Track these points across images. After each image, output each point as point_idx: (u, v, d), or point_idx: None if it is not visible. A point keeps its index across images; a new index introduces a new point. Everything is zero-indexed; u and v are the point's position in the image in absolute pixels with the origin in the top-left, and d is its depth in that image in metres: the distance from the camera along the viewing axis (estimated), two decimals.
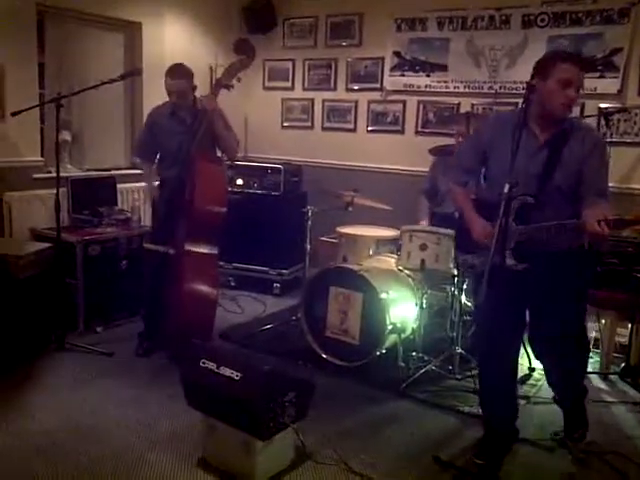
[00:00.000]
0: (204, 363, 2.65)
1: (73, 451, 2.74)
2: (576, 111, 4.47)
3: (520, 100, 2.66)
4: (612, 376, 3.74)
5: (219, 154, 3.92)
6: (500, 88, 4.80)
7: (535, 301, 2.77)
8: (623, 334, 3.83)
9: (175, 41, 5.27)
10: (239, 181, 5.26)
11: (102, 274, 4.16)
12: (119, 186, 4.72)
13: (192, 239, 3.61)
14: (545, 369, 3.03)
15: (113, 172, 4.85)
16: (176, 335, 3.51)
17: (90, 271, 4.08)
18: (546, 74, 2.58)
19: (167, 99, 3.67)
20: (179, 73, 3.60)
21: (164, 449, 2.78)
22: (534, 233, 2.56)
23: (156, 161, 3.85)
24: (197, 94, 3.75)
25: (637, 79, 4.27)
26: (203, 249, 3.65)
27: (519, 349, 2.94)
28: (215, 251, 3.73)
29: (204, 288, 3.63)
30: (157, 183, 3.89)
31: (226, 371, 2.59)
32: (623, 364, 3.76)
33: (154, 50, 5.08)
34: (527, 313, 2.88)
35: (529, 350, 3.78)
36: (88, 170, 4.81)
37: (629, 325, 3.75)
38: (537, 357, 3.03)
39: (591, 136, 2.65)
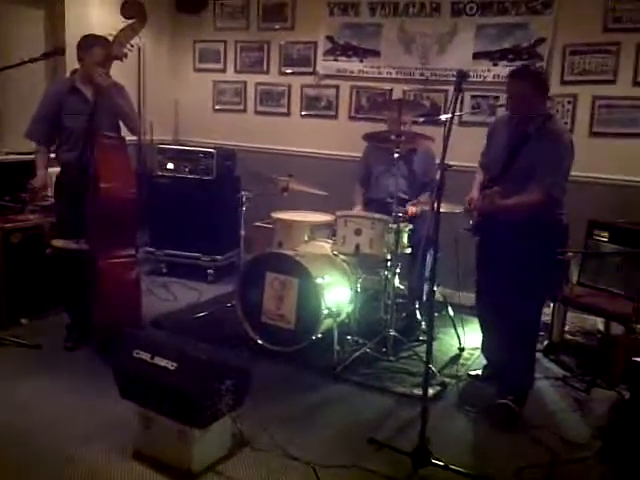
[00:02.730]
0: (137, 354, 2.59)
1: (1, 450, 2.63)
2: (503, 98, 4.62)
3: (450, 87, 2.76)
4: (537, 353, 3.92)
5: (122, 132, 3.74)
6: (431, 75, 4.87)
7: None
8: (545, 312, 4.00)
9: (100, 20, 5.05)
10: (170, 165, 5.14)
11: (25, 263, 3.97)
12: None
13: (103, 227, 3.39)
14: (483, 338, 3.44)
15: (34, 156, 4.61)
16: (103, 327, 3.39)
17: (12, 260, 3.89)
18: None
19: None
20: (105, 41, 3.44)
21: (97, 443, 2.71)
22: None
23: (54, 145, 3.63)
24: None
25: (559, 69, 4.42)
26: (118, 237, 3.45)
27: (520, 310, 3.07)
28: (131, 237, 3.57)
29: (124, 278, 3.48)
30: (57, 169, 3.68)
31: (161, 361, 2.54)
32: (546, 342, 3.95)
33: (78, 28, 4.84)
34: None
35: (459, 330, 3.93)
36: (8, 154, 4.56)
37: (551, 304, 3.92)
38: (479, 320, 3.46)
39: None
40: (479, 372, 3.55)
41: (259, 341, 3.71)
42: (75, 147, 3.49)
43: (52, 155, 3.71)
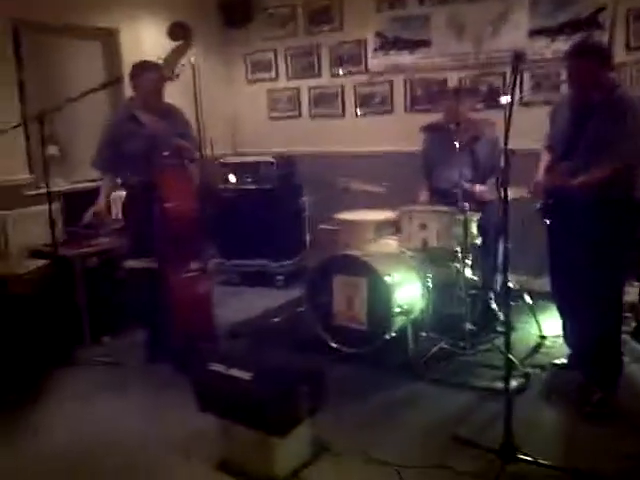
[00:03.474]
0: (213, 366, 2.62)
1: (90, 464, 2.73)
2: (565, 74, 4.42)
3: (507, 69, 2.67)
4: (624, 336, 3.71)
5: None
6: (486, 58, 4.73)
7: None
8: (631, 292, 3.78)
9: (153, 44, 5.18)
10: (232, 178, 5.22)
11: (102, 284, 4.13)
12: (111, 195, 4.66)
13: (170, 245, 3.47)
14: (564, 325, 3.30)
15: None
16: (179, 340, 3.47)
17: (90, 282, 4.05)
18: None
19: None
20: (155, 66, 3.53)
21: (182, 455, 2.76)
22: None
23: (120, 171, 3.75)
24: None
25: (623, 36, 4.20)
26: (185, 253, 3.52)
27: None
28: (198, 251, 3.63)
29: (194, 291, 3.54)
30: (117, 194, 3.79)
31: (236, 372, 2.57)
32: (634, 323, 3.73)
33: (133, 55, 5.00)
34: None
35: (539, 319, 3.78)
36: (78, 182, 4.76)
37: (637, 283, 3.71)
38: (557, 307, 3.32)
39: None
40: (564, 361, 3.39)
41: (332, 344, 3.70)
42: (138, 171, 3.59)
43: (119, 180, 3.84)
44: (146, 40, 5.15)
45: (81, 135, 4.93)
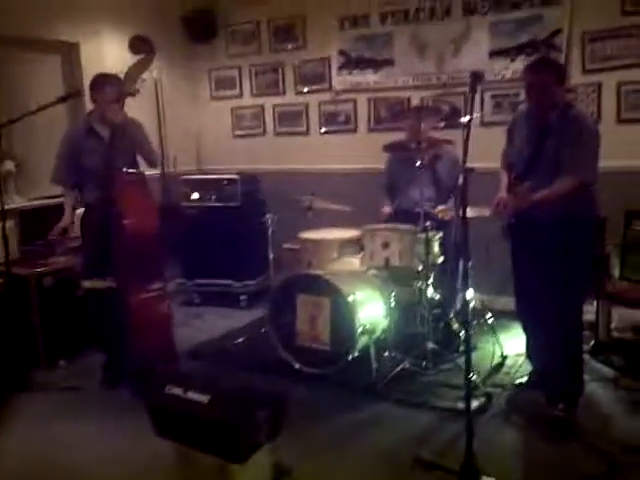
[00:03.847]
0: (170, 389, 2.55)
1: None
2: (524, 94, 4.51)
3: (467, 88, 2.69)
4: (583, 355, 3.75)
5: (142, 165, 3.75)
6: (448, 78, 4.79)
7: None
8: (589, 311, 3.83)
9: (115, 58, 5.12)
10: (195, 195, 5.16)
11: (59, 305, 4.01)
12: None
13: (129, 263, 3.40)
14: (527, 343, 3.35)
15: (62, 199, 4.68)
16: (138, 363, 3.38)
17: (46, 303, 3.93)
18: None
19: None
20: (116, 79, 3.48)
21: None
22: None
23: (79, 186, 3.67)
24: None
25: (580, 58, 4.29)
26: (144, 272, 3.45)
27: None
28: (158, 271, 3.57)
29: (154, 312, 3.48)
30: (81, 210, 3.71)
31: (194, 395, 2.49)
32: (593, 341, 3.78)
33: (94, 69, 4.91)
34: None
35: (500, 338, 3.80)
36: (35, 199, 4.64)
37: (594, 302, 3.76)
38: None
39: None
40: (525, 379, 3.40)
41: (295, 365, 3.65)
42: (96, 187, 3.52)
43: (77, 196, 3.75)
44: (108, 54, 5.08)
45: (39, 150, 4.80)
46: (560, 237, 2.89)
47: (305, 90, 5.46)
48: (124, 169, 3.48)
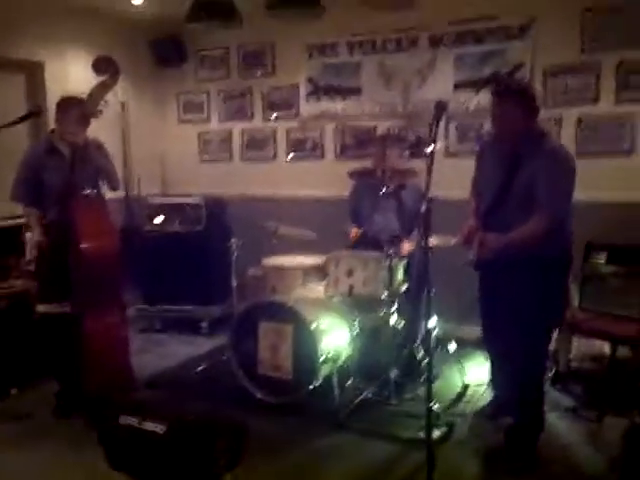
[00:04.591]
0: (124, 419, 2.47)
1: None
2: (488, 126, 4.59)
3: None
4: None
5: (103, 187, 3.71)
6: (413, 108, 4.85)
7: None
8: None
9: (80, 79, 5.06)
10: (158, 219, 5.08)
11: (12, 330, 3.86)
12: (28, 235, 4.43)
13: (86, 288, 3.31)
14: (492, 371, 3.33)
15: (19, 220, 4.56)
16: (93, 391, 3.27)
17: None
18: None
19: None
20: (80, 102, 3.46)
21: None
22: None
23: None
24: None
25: (542, 92, 4.40)
26: (102, 297, 3.36)
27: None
28: (117, 296, 3.49)
29: (111, 339, 3.39)
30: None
31: (149, 425, 2.42)
32: (552, 371, 3.80)
33: (58, 89, 4.86)
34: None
35: (463, 366, 3.80)
36: None
37: (556, 332, 3.79)
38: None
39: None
40: (487, 408, 3.38)
41: (256, 394, 3.58)
42: (56, 206, 3.45)
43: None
44: (73, 74, 5.02)
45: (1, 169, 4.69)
46: (529, 274, 2.78)
47: (273, 116, 5.47)
48: (83, 191, 3.41)
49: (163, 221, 5.08)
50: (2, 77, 4.72)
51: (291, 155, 5.42)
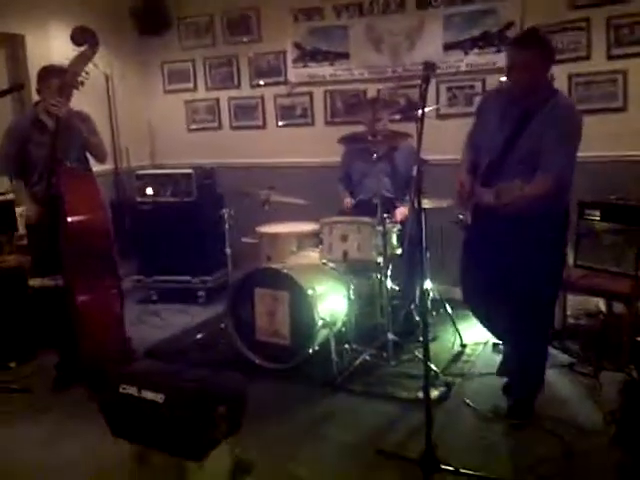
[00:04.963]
0: (124, 389, 2.47)
1: None
2: (478, 86, 4.56)
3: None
4: None
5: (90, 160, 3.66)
6: (403, 71, 4.80)
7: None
8: None
9: (62, 51, 4.94)
10: (149, 190, 5.03)
11: (8, 305, 3.86)
12: (18, 210, 4.39)
13: (77, 261, 3.28)
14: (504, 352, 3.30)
15: (9, 196, 4.51)
16: (90, 363, 3.28)
17: None
18: None
19: None
20: (62, 71, 3.39)
21: None
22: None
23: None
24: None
25: None
26: (93, 269, 3.33)
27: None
28: (109, 268, 3.45)
29: (104, 310, 3.37)
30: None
31: (148, 394, 2.43)
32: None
33: (40, 62, 4.74)
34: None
35: (459, 327, 3.83)
36: None
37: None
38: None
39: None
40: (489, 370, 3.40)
41: (255, 360, 3.60)
42: (42, 180, 3.41)
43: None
44: (54, 47, 4.90)
45: None
46: (530, 230, 2.72)
47: (261, 83, 5.40)
48: (69, 163, 3.37)
49: (154, 193, 5.03)
50: None
51: (280, 123, 5.36)
